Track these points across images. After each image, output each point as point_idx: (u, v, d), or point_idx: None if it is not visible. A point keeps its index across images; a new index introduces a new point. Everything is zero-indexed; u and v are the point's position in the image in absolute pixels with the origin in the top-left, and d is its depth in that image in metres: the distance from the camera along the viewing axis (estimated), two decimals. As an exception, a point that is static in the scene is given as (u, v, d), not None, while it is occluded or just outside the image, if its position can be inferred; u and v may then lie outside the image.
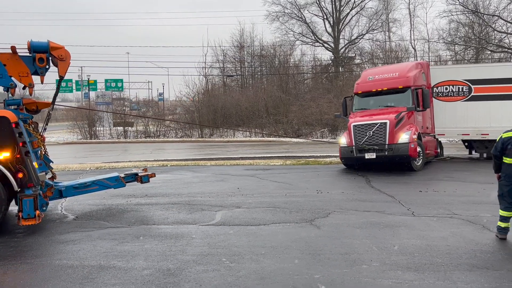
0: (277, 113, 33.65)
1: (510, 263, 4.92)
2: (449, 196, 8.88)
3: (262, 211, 7.74)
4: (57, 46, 7.31)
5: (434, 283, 4.37)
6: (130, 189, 10.01)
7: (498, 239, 5.83)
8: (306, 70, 45.15)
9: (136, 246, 5.85)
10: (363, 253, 5.35)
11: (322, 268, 4.86)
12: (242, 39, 47.32)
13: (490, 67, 17.79)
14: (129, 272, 4.86)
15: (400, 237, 5.98)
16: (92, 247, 5.84)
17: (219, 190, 9.97)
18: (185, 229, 6.64)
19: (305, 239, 5.99)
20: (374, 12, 44.68)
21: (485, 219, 6.77)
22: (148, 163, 16.53)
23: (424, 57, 40.43)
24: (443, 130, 15.51)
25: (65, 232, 6.66)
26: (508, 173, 5.77)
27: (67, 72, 7.54)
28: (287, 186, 10.42)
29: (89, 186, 7.81)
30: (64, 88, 52.32)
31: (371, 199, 8.72)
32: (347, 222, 6.85)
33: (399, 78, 13.39)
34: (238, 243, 5.88)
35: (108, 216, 7.65)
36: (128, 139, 33.72)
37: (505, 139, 5.83)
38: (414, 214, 7.35)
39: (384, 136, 12.02)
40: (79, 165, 15.93)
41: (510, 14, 34.83)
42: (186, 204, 8.50)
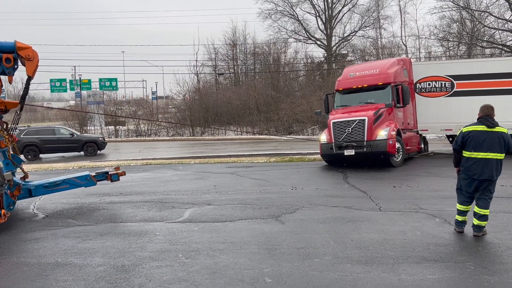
0: (268, 110, 33.75)
1: (460, 256, 4.99)
2: (420, 191, 8.95)
3: (232, 208, 7.80)
4: (24, 46, 7.31)
5: (379, 275, 4.44)
6: (106, 187, 10.09)
7: (456, 232, 5.90)
8: (298, 67, 45.21)
9: (98, 243, 5.90)
10: (319, 247, 5.41)
11: (274, 262, 4.92)
12: (234, 37, 47.40)
13: (470, 62, 17.89)
14: (84, 269, 4.91)
15: (360, 232, 6.04)
16: (53, 245, 5.89)
17: (195, 188, 10.02)
18: (150, 227, 6.70)
19: (267, 235, 6.05)
20: (366, 9, 44.84)
21: (449, 213, 6.83)
22: (132, 161, 16.58)
23: (415, 54, 40.55)
24: (426, 125, 15.59)
25: (31, 231, 6.71)
26: (467, 167, 5.83)
27: (35, 72, 7.53)
28: (264, 183, 10.47)
29: (59, 185, 7.85)
30: (58, 88, 52.39)
31: (343, 195, 8.78)
32: (312, 218, 6.91)
33: (379, 75, 13.45)
34: (199, 239, 5.94)
35: (78, 215, 7.70)
36: (119, 138, 33.76)
37: (465, 133, 5.88)
38: (381, 209, 7.41)
39: (363, 132, 12.09)
40: (63, 164, 15.97)
41: (500, 10, 34.95)
42: (158, 202, 8.55)
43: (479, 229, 5.71)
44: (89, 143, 22.56)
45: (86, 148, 22.34)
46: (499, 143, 5.58)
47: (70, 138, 22.53)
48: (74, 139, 22.52)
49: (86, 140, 22.72)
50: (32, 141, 21.59)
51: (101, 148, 22.84)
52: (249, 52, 47.62)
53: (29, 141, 21.53)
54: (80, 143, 22.38)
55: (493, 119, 5.72)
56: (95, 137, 23.80)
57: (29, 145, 21.49)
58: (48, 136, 22.21)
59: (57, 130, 23.16)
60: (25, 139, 21.48)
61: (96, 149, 22.46)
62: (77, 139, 22.58)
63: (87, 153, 22.24)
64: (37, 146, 21.67)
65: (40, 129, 23.57)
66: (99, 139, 23.33)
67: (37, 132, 22.45)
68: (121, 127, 35.47)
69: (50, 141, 21.98)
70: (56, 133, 22.63)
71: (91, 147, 22.41)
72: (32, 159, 21.25)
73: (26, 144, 21.35)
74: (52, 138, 22.16)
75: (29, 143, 21.49)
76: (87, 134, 24.89)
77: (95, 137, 23.80)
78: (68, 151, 22.58)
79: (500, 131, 5.63)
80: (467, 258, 4.89)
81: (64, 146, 22.37)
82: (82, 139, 22.74)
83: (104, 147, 23.14)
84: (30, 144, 21.52)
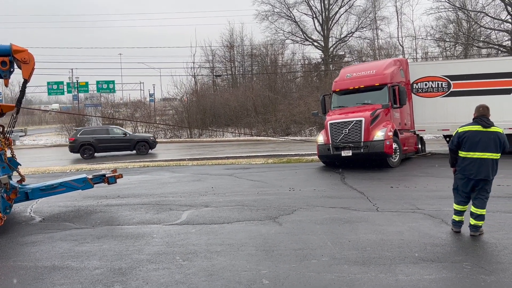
0: (266, 112, 33.77)
1: (456, 256, 5.00)
2: (418, 191, 8.97)
3: (229, 210, 7.79)
4: (20, 49, 7.32)
5: (376, 275, 4.44)
6: (104, 190, 10.07)
7: (453, 232, 5.91)
8: (296, 68, 45.28)
9: (95, 246, 5.89)
10: (316, 248, 5.41)
11: (271, 263, 4.91)
12: (232, 39, 47.46)
13: (467, 63, 17.96)
14: (80, 272, 4.90)
15: (357, 232, 6.04)
16: (50, 248, 5.87)
17: (193, 190, 10.01)
18: (147, 229, 6.68)
19: (264, 236, 6.05)
20: (362, 10, 44.99)
21: (446, 213, 6.84)
22: (130, 164, 16.55)
23: (412, 54, 40.66)
24: (423, 126, 15.64)
25: (28, 234, 6.69)
26: (463, 167, 5.84)
27: (32, 75, 7.53)
28: (261, 185, 10.47)
29: (56, 188, 7.83)
30: (56, 91, 52.27)
31: (341, 196, 8.79)
32: (310, 219, 6.91)
33: (376, 76, 13.48)
34: (197, 241, 5.93)
35: (75, 218, 7.68)
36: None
37: (461, 133, 5.89)
38: (378, 209, 7.42)
39: (360, 133, 12.10)
40: (60, 167, 15.94)
41: (496, 10, 35.09)
42: (156, 204, 8.53)
43: (476, 229, 5.72)
44: (141, 142, 23.10)
45: (138, 147, 22.86)
46: (495, 143, 5.60)
47: (123, 138, 23.14)
48: (127, 139, 23.11)
49: (138, 139, 23.28)
50: (87, 141, 22.25)
51: (152, 147, 23.37)
52: (246, 54, 47.71)
53: (85, 140, 22.24)
54: (133, 142, 22.91)
55: (488, 119, 5.74)
56: (147, 137, 24.33)
57: (85, 144, 22.17)
58: (103, 135, 22.85)
59: (111, 130, 23.90)
60: (81, 138, 22.30)
61: (147, 148, 22.99)
62: (130, 139, 23.17)
63: (139, 152, 22.74)
64: (92, 145, 22.26)
65: (95, 129, 24.44)
66: (150, 138, 23.85)
67: (92, 131, 23.15)
68: (118, 129, 35.39)
69: (104, 140, 22.56)
70: (110, 133, 23.32)
71: (143, 146, 22.95)
72: (88, 158, 21.96)
73: (82, 144, 22.14)
74: (106, 138, 22.79)
75: (85, 142, 22.20)
76: (139, 134, 25.69)
77: (147, 137, 24.33)
78: (121, 150, 23.09)
79: (495, 131, 5.65)
80: (464, 258, 4.89)
81: (118, 145, 22.92)
82: (135, 139, 23.31)
83: (155, 146, 23.70)
84: (86, 143, 22.20)
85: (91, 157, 22.11)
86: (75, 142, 22.34)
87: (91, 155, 22.23)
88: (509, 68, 14.74)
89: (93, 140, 22.30)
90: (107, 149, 22.83)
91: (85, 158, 21.75)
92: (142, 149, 22.82)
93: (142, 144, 23.02)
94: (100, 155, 22.92)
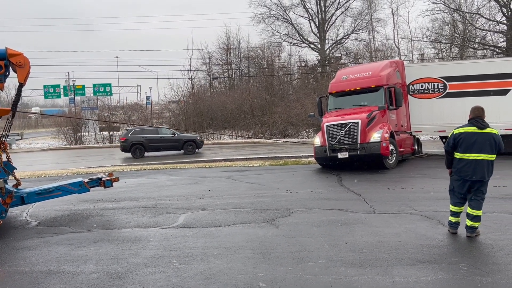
0: (263, 114, 33.78)
1: (453, 257, 5.01)
2: (415, 193, 8.98)
3: (226, 212, 7.78)
4: (16, 52, 7.29)
5: (373, 278, 4.44)
6: (100, 194, 10.04)
7: (450, 233, 5.92)
8: (293, 71, 45.33)
9: (91, 250, 5.86)
10: (313, 250, 5.41)
11: (268, 266, 4.91)
12: (228, 41, 47.49)
13: (463, 64, 18.03)
14: (77, 276, 4.88)
15: (354, 234, 6.05)
16: (46, 253, 5.84)
17: (190, 193, 9.99)
18: (144, 233, 6.66)
19: (261, 239, 6.04)
20: (358, 12, 45.11)
21: (442, 214, 6.85)
22: (127, 167, 16.52)
23: (408, 56, 40.79)
24: (419, 127, 15.67)
25: (24, 239, 6.66)
26: (459, 168, 5.85)
27: (27, 78, 7.51)
28: (258, 187, 10.47)
29: (52, 192, 7.80)
30: (52, 94, 52.15)
31: (338, 198, 8.79)
32: (307, 221, 6.91)
33: (372, 77, 13.51)
34: (193, 244, 5.91)
35: (71, 222, 7.65)
36: (114, 144, 33.61)
37: (457, 134, 5.91)
38: (375, 211, 7.42)
39: (356, 135, 12.12)
40: (57, 171, 15.88)
41: (491, 12, 35.27)
42: (153, 207, 8.51)
43: (472, 230, 5.73)
44: (188, 142, 23.71)
45: (186, 146, 23.45)
46: (490, 144, 5.62)
47: (172, 137, 23.75)
48: (175, 138, 23.71)
49: (186, 139, 23.85)
50: (138, 140, 22.92)
51: (199, 147, 23.96)
52: (243, 56, 47.74)
53: (136, 140, 22.90)
54: (181, 142, 23.52)
55: (483, 120, 5.76)
56: (194, 137, 24.92)
57: (136, 143, 22.84)
58: (152, 135, 23.50)
59: (160, 130, 24.71)
60: (132, 138, 22.96)
61: (194, 148, 23.63)
62: (178, 138, 23.74)
63: (186, 151, 23.35)
64: (142, 145, 22.92)
65: (145, 129, 25.08)
66: (197, 139, 24.52)
67: (142, 131, 23.78)
68: (115, 132, 35.34)
69: (154, 140, 23.21)
70: (159, 133, 23.99)
71: (190, 146, 23.56)
72: (138, 157, 22.67)
73: (133, 143, 22.81)
74: (155, 138, 23.45)
75: (135, 142, 22.88)
76: (186, 134, 26.13)
77: (194, 137, 24.92)
78: (169, 149, 23.67)
79: (490, 132, 5.68)
80: (460, 259, 4.90)
81: (167, 145, 23.51)
82: (183, 138, 23.84)
83: (201, 146, 24.33)
84: (137, 143, 22.86)
85: (141, 156, 22.81)
86: (127, 141, 22.97)
87: (141, 155, 22.91)
88: (505, 69, 14.80)
89: (144, 140, 22.95)
90: (156, 149, 23.45)
91: (135, 157, 22.50)
92: (190, 148, 23.46)
93: (189, 144, 23.66)
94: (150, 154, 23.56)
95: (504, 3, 33.58)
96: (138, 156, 22.75)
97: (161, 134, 23.82)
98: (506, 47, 33.73)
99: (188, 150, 23.34)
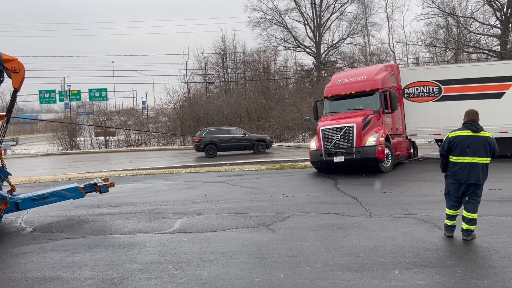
0: (259, 118, 33.83)
1: (449, 260, 5.01)
2: (411, 196, 9.00)
3: (223, 217, 7.76)
4: (10, 58, 7.27)
5: (369, 282, 4.43)
6: (96, 199, 9.99)
7: (446, 237, 5.93)
8: (288, 75, 45.45)
9: (87, 256, 5.82)
10: (309, 255, 5.40)
11: (264, 271, 4.89)
12: (224, 46, 47.53)
13: (457, 67, 18.11)
14: (72, 283, 4.84)
15: (350, 238, 6.04)
16: (41, 259, 5.80)
17: (186, 198, 9.96)
18: (140, 238, 6.63)
19: (257, 244, 6.02)
20: (354, 16, 45.39)
21: (438, 217, 6.86)
22: (123, 172, 16.46)
23: (403, 60, 41.00)
24: (415, 130, 15.73)
25: (18, 245, 6.61)
26: (454, 171, 5.88)
27: (22, 84, 7.48)
28: (255, 191, 10.45)
29: (47, 198, 7.75)
30: (47, 99, 51.99)
31: (334, 201, 8.80)
32: (303, 225, 6.90)
33: (367, 81, 13.56)
34: (189, 250, 5.89)
35: (67, 227, 7.60)
36: (109, 149, 33.54)
37: (451, 138, 5.93)
38: (371, 215, 7.43)
39: (352, 139, 12.15)
40: (52, 176, 15.79)
41: (485, 16, 35.52)
42: (148, 212, 8.48)
43: (468, 233, 5.74)
44: (259, 142, 24.46)
45: (256, 146, 24.18)
46: (485, 148, 5.65)
47: (243, 137, 24.50)
48: (246, 138, 24.47)
49: (256, 139, 24.65)
50: (211, 140, 23.85)
51: (268, 146, 24.62)
52: (239, 61, 47.78)
53: (209, 140, 23.84)
54: (251, 142, 24.28)
55: (478, 123, 5.78)
56: (264, 137, 25.52)
57: (209, 143, 23.75)
58: (225, 135, 24.34)
59: (231, 130, 25.40)
60: (206, 138, 23.96)
61: (264, 147, 24.35)
62: (249, 138, 24.52)
63: (256, 151, 24.08)
64: (215, 144, 23.77)
65: (217, 129, 25.57)
66: (267, 138, 25.13)
67: (215, 132, 24.67)
68: (111, 137, 35.24)
69: (226, 140, 24.08)
70: (231, 133, 24.80)
71: (260, 145, 24.31)
72: (211, 156, 23.62)
73: (206, 143, 23.73)
74: (227, 138, 24.30)
75: (209, 141, 23.79)
76: (256, 134, 26.94)
77: (264, 137, 25.52)
78: (240, 149, 24.40)
79: (485, 135, 5.70)
80: (456, 263, 4.91)
81: (238, 145, 24.26)
82: (253, 138, 24.66)
83: (271, 146, 24.90)
84: (210, 142, 23.75)
85: (214, 155, 23.60)
86: (201, 141, 23.80)
87: (214, 154, 23.68)
88: (499, 72, 14.91)
89: (216, 140, 23.78)
90: (228, 148, 24.23)
91: (208, 156, 23.39)
92: (259, 148, 24.19)
93: (259, 143, 24.35)
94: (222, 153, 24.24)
95: (497, 7, 33.86)
96: (211, 155, 23.54)
97: (232, 134, 24.54)
98: (500, 50, 33.96)
99: (258, 150, 23.98)
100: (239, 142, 24.12)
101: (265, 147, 24.32)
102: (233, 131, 25.26)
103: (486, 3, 33.66)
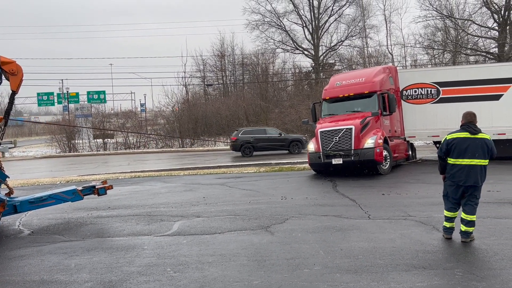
0: (257, 120, 33.83)
1: (448, 262, 5.01)
2: (409, 198, 9.01)
3: (221, 220, 7.75)
4: (8, 60, 7.27)
5: (368, 284, 4.43)
6: (94, 202, 9.97)
7: (445, 239, 5.93)
8: (287, 77, 45.50)
9: (85, 259, 5.81)
10: (308, 257, 5.39)
11: (263, 274, 4.88)
12: (222, 48, 47.62)
13: (455, 69, 18.17)
14: (70, 286, 4.82)
15: (349, 240, 6.04)
16: (39, 262, 5.78)
17: (184, 200, 9.95)
18: (138, 241, 6.61)
19: (256, 246, 6.01)
20: (352, 19, 45.45)
21: (437, 219, 6.86)
22: (121, 174, 16.43)
23: (401, 62, 41.09)
24: (413, 132, 15.76)
25: (16, 248, 6.58)
26: (452, 173, 5.88)
27: (20, 86, 7.48)
28: (253, 194, 10.44)
29: (45, 200, 7.73)
30: (45, 101, 52.00)
31: (333, 204, 8.79)
32: (302, 227, 6.89)
33: (365, 83, 13.58)
34: (188, 252, 5.88)
35: (65, 230, 7.58)
36: (108, 151, 33.48)
37: (449, 140, 5.94)
38: (370, 217, 7.43)
39: (350, 141, 12.16)
40: (50, 179, 15.76)
41: (483, 18, 35.65)
42: (147, 215, 8.46)
43: (466, 235, 5.74)
44: (294, 142, 24.32)
45: (292, 146, 24.07)
46: (483, 149, 5.66)
47: (279, 137, 24.45)
48: (282, 138, 24.42)
49: (292, 139, 24.52)
50: (247, 140, 23.95)
51: (304, 146, 23.85)
52: (237, 63, 47.89)
53: (245, 140, 23.98)
54: (287, 142, 24.22)
55: (475, 125, 5.79)
56: (300, 137, 25.32)
57: (245, 143, 23.88)
58: (261, 135, 24.41)
59: (267, 130, 25.42)
60: (242, 138, 24.10)
61: (300, 147, 23.97)
62: (285, 138, 24.47)
63: (292, 151, 23.91)
64: (251, 144, 23.88)
65: (254, 129, 25.76)
66: (303, 138, 24.85)
67: (251, 132, 24.82)
68: (109, 140, 35.19)
69: (262, 140, 24.09)
70: (267, 133, 24.82)
71: (296, 145, 24.15)
72: (247, 155, 23.74)
73: (243, 143, 23.89)
74: (264, 137, 24.32)
75: (245, 141, 23.93)
76: (292, 134, 26.90)
77: (300, 137, 25.32)
78: (276, 149, 24.25)
79: (483, 137, 5.71)
80: (455, 265, 4.91)
81: (274, 144, 24.15)
82: (289, 138, 24.56)
83: (306, 146, 24.44)
84: (246, 142, 23.88)
85: (250, 155, 23.68)
86: (237, 141, 23.99)
87: (251, 153, 23.76)
88: (497, 74, 14.95)
89: (252, 140, 23.88)
90: (264, 148, 24.20)
91: (245, 156, 23.50)
92: (295, 147, 24.04)
93: (295, 143, 24.22)
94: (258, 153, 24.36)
95: (495, 10, 34.00)
96: (248, 154, 23.65)
97: (268, 134, 24.59)
98: (497, 52, 34.08)
99: (293, 149, 23.90)
100: (275, 142, 24.14)
101: (301, 147, 24.06)
102: (269, 131, 25.36)
103: (483, 5, 33.82)
